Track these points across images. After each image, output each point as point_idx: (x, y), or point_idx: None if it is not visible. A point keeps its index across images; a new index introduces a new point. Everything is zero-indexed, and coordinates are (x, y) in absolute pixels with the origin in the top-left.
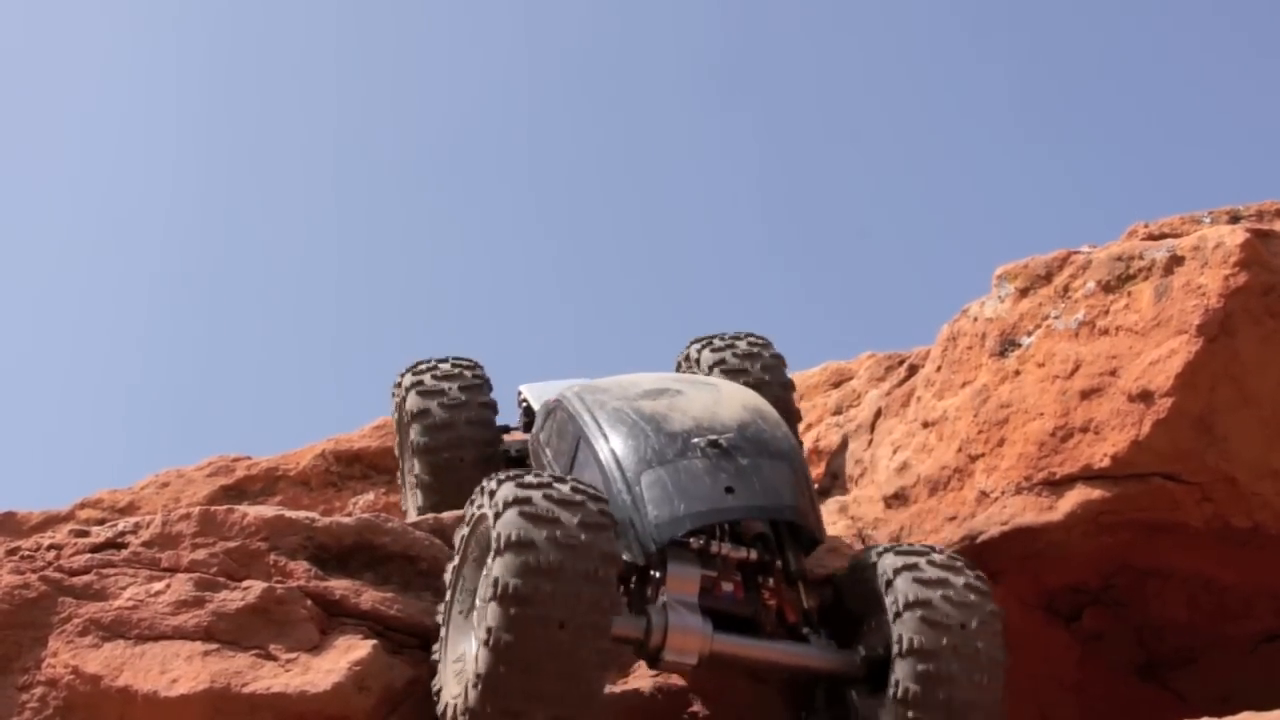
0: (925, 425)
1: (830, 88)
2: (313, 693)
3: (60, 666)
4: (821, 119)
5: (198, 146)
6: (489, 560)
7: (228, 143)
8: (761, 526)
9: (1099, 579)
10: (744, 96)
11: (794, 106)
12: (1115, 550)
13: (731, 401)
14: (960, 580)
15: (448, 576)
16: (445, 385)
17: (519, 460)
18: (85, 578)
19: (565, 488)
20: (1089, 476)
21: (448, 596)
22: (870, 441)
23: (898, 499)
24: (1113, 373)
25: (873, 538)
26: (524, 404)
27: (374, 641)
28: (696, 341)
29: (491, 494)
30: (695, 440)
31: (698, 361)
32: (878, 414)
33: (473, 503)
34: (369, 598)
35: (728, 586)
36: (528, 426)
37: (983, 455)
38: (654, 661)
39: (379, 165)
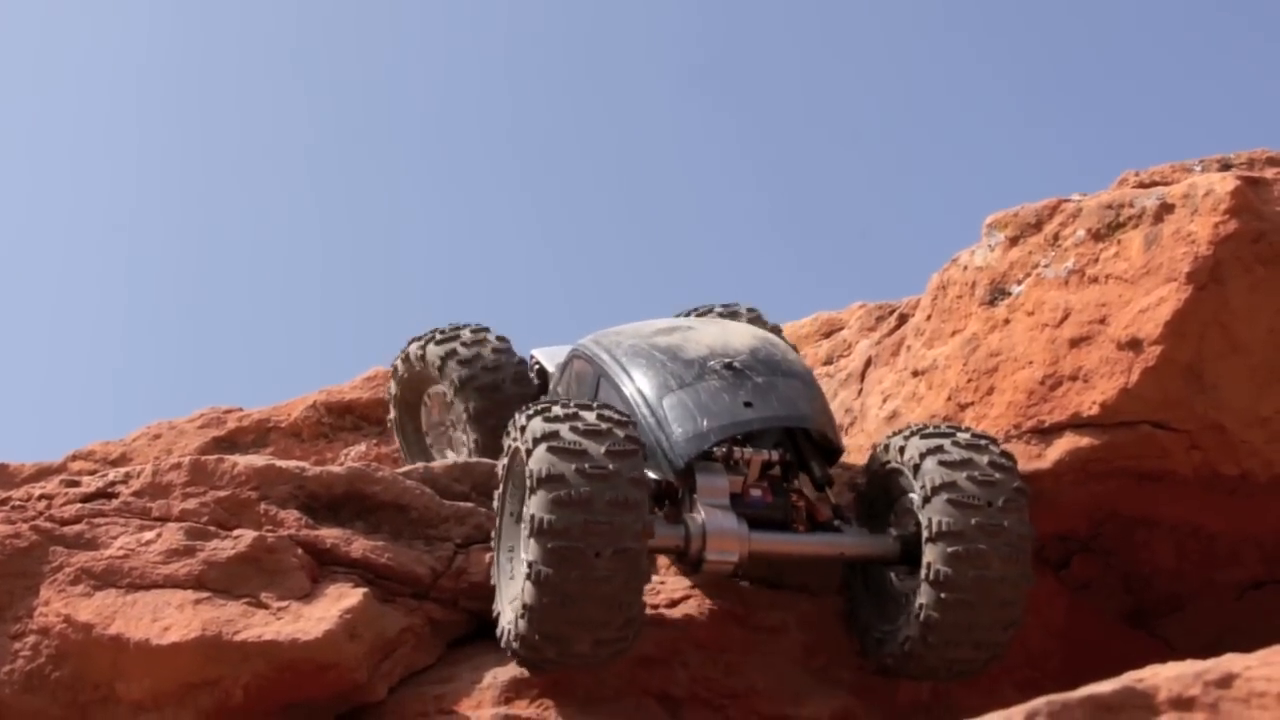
0: (915, 374)
1: (813, 38)
2: (304, 640)
3: (52, 615)
4: (807, 69)
5: (184, 101)
6: (525, 496)
7: (214, 99)
8: (780, 438)
9: (1087, 527)
10: (725, 54)
11: (781, 56)
12: (1104, 498)
13: (741, 332)
14: (985, 459)
15: (495, 504)
16: (473, 347)
17: None
18: (76, 527)
19: (591, 416)
20: (1078, 425)
21: (497, 522)
22: (860, 391)
23: None
24: (1102, 321)
25: (862, 485)
26: (536, 367)
27: (365, 590)
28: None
29: (522, 429)
30: (711, 364)
31: None
32: (868, 363)
33: (508, 434)
34: (360, 546)
35: (756, 492)
36: (541, 389)
37: (972, 404)
38: (696, 567)
39: (366, 124)
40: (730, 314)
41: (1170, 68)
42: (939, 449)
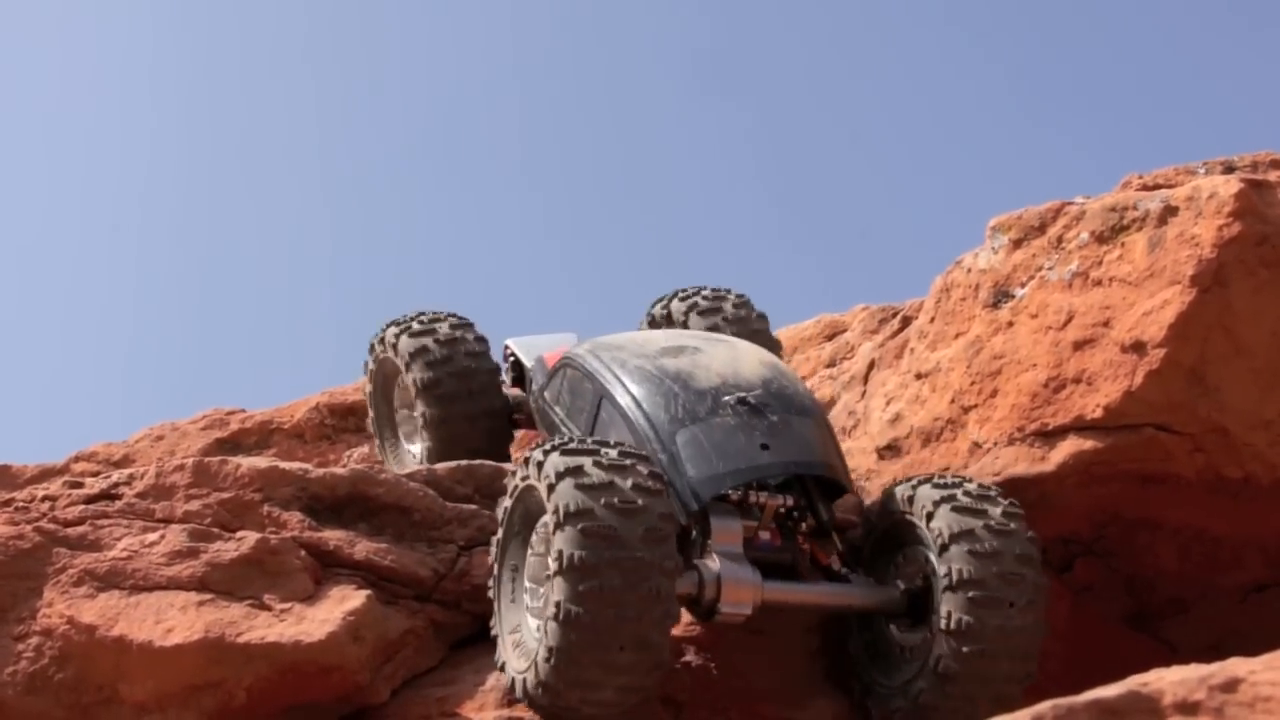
0: (918, 377)
1: (815, 39)
2: (307, 642)
3: (55, 616)
4: (810, 70)
5: (189, 102)
6: (550, 534)
7: (219, 101)
8: (790, 478)
9: (1090, 530)
10: (728, 54)
11: (785, 57)
12: (1107, 501)
13: (750, 358)
14: (997, 510)
15: (492, 550)
16: (446, 347)
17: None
18: (80, 529)
19: (613, 452)
20: (1081, 427)
21: (494, 570)
22: (863, 393)
23: (891, 450)
24: (1106, 324)
25: (866, 489)
26: (511, 358)
27: (368, 592)
28: (680, 300)
29: (539, 465)
30: (725, 398)
31: (685, 324)
32: (871, 366)
33: (514, 474)
34: (363, 548)
35: (765, 535)
36: (516, 381)
37: (975, 406)
38: (709, 615)
39: (370, 125)
40: (716, 300)
41: (1174, 70)
42: (952, 497)
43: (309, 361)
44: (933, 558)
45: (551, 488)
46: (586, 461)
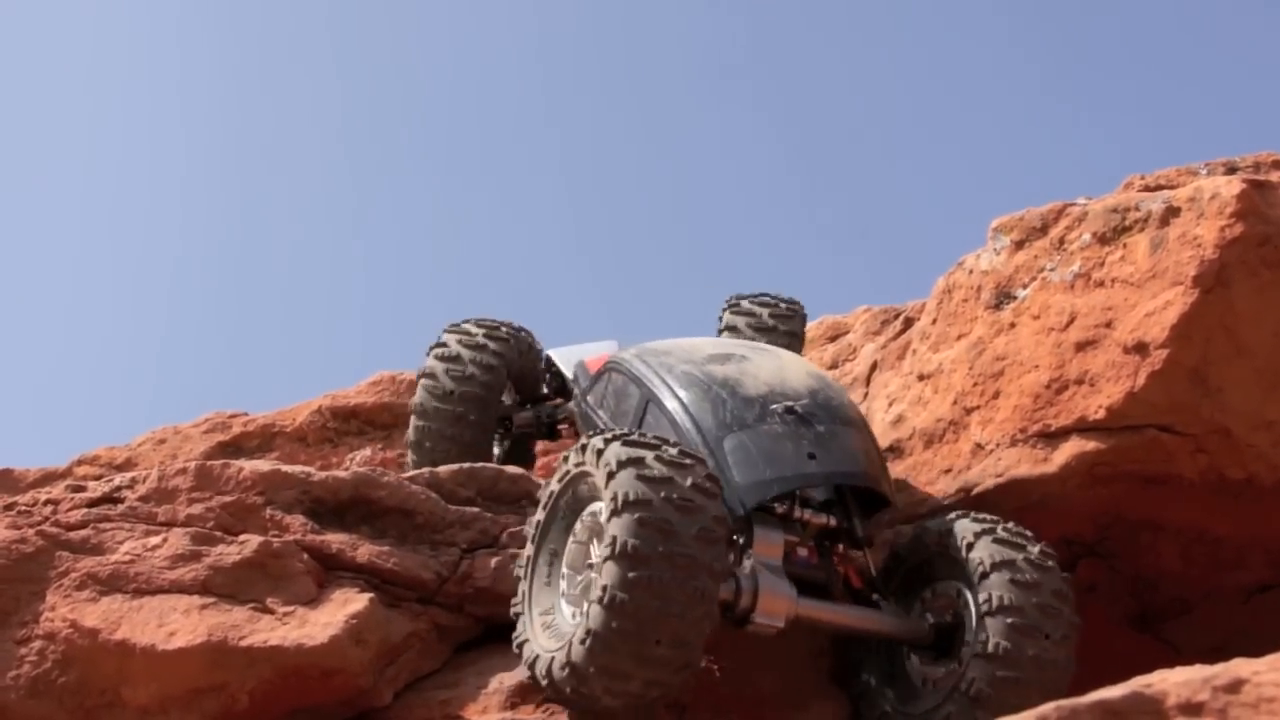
0: (920, 378)
1: (821, 40)
2: (310, 646)
3: (58, 620)
4: (815, 71)
5: (190, 108)
6: (604, 521)
7: (220, 107)
8: (831, 491)
9: (1093, 531)
10: (729, 56)
11: (785, 59)
12: (1109, 502)
13: (796, 368)
14: (1035, 548)
15: (529, 530)
16: (465, 348)
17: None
18: (82, 532)
19: (673, 450)
20: (1084, 428)
21: (530, 551)
22: (866, 394)
23: (893, 452)
24: (1108, 325)
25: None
26: (551, 369)
27: (371, 595)
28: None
29: (599, 453)
30: (773, 406)
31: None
32: (873, 367)
33: (567, 460)
34: (366, 551)
35: (803, 551)
36: (558, 391)
37: (978, 408)
38: (742, 623)
39: (373, 128)
40: (756, 304)
41: (1176, 71)
42: (992, 530)
43: (311, 364)
44: (966, 591)
45: (611, 475)
46: (649, 455)
